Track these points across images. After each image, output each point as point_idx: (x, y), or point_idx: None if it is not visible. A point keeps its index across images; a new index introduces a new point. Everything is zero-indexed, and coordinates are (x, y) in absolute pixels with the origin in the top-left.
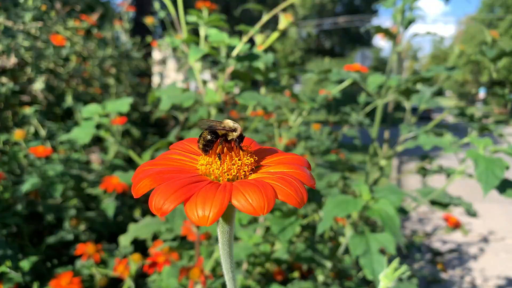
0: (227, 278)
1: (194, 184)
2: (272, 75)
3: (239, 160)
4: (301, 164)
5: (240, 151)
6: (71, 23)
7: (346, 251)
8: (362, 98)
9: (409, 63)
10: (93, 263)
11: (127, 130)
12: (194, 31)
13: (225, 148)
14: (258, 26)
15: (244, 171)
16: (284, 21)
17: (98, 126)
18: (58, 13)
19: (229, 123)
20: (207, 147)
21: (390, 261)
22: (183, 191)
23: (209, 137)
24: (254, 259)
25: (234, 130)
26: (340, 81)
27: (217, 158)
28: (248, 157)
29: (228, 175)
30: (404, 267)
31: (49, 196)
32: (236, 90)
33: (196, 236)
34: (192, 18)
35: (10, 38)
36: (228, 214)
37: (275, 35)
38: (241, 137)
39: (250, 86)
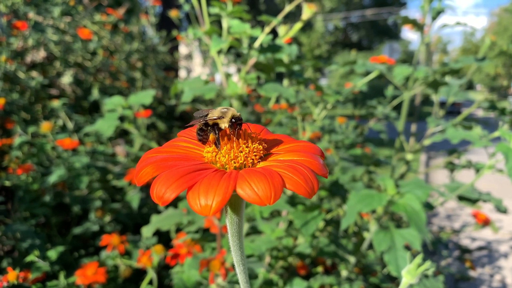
0: (238, 270)
1: (198, 172)
2: (295, 67)
3: (246, 147)
4: (313, 152)
5: (249, 138)
6: (98, 17)
7: (371, 246)
8: (389, 91)
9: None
10: (118, 254)
11: (153, 124)
12: (219, 24)
13: (231, 135)
14: (280, 16)
15: (252, 159)
16: (307, 11)
17: (122, 118)
18: (86, 7)
19: (215, 112)
20: (200, 137)
21: (416, 257)
22: (186, 179)
23: (199, 127)
24: (277, 253)
25: (221, 117)
26: (366, 74)
27: (224, 146)
28: (256, 145)
29: (235, 163)
30: (428, 263)
31: (76, 188)
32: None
33: (218, 228)
34: (215, 9)
35: (40, 32)
36: (236, 204)
37: (298, 25)
38: (238, 122)
39: (275, 78)
